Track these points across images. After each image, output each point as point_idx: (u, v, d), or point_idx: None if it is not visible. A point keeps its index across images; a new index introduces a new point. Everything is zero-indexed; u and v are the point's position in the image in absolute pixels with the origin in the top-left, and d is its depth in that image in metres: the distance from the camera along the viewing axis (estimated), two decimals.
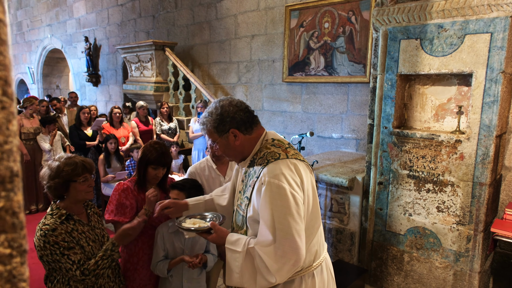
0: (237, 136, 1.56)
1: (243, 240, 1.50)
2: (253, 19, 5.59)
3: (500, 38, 2.40)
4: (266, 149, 1.57)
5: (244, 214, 1.58)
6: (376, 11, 2.92)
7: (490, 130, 2.51)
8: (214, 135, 1.59)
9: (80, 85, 9.87)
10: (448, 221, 2.77)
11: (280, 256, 1.39)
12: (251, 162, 1.62)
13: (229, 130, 1.55)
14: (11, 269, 0.34)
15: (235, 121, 1.55)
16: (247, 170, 1.63)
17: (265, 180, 1.45)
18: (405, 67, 2.84)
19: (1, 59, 0.31)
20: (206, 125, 1.60)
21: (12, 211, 0.34)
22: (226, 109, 1.56)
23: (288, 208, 1.41)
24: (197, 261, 2.00)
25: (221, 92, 6.32)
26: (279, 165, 1.47)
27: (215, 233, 1.59)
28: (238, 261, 1.48)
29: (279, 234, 1.39)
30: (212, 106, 1.61)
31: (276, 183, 1.42)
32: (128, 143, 5.58)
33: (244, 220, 1.58)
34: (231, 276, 1.51)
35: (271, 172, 1.45)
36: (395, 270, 3.10)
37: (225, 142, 1.58)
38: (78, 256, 1.70)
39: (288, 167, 1.47)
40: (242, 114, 1.57)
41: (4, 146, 0.33)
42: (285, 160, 1.49)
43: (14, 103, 0.34)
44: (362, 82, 4.48)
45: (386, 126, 2.99)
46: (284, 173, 1.44)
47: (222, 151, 1.64)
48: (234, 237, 1.55)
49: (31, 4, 11.08)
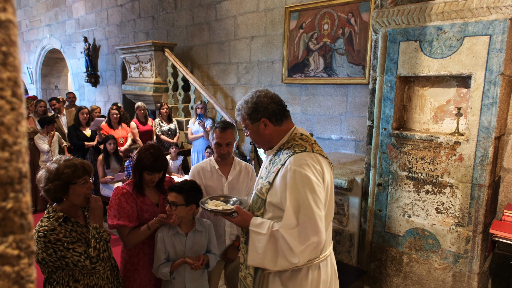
0: (267, 126, 1.69)
1: (267, 224, 1.61)
2: (253, 20, 5.60)
3: (499, 40, 2.41)
4: (294, 141, 1.69)
5: (264, 198, 1.68)
6: (375, 13, 2.92)
7: (489, 131, 2.52)
8: (247, 121, 1.73)
9: (79, 85, 9.85)
10: (447, 223, 2.77)
11: (304, 238, 1.50)
12: (277, 151, 1.73)
13: (261, 119, 1.68)
14: (19, 270, 0.34)
15: (267, 112, 1.68)
16: (272, 158, 1.74)
17: (291, 168, 1.56)
18: (404, 69, 2.85)
19: (11, 60, 0.31)
20: (241, 111, 1.74)
21: (20, 212, 0.34)
22: (261, 100, 1.69)
23: (312, 195, 1.52)
24: (199, 263, 2.02)
25: (220, 93, 6.32)
26: (305, 156, 1.59)
27: (240, 216, 1.69)
28: (261, 242, 1.59)
29: (303, 218, 1.50)
30: (249, 95, 1.73)
31: (302, 171, 1.53)
32: (127, 144, 5.57)
33: (263, 203, 1.68)
34: (254, 256, 1.62)
35: (297, 161, 1.56)
36: (394, 271, 3.10)
37: (256, 129, 1.71)
38: (83, 248, 1.73)
39: (313, 159, 1.59)
40: (274, 106, 1.70)
41: (13, 147, 0.33)
42: (311, 153, 1.61)
43: (23, 104, 0.34)
44: (361, 83, 4.48)
45: (385, 128, 3.00)
46: (309, 163, 1.56)
47: (251, 137, 1.77)
48: (258, 220, 1.65)
49: (30, 4, 11.06)
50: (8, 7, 0.31)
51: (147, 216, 2.10)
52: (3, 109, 0.32)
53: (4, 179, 0.33)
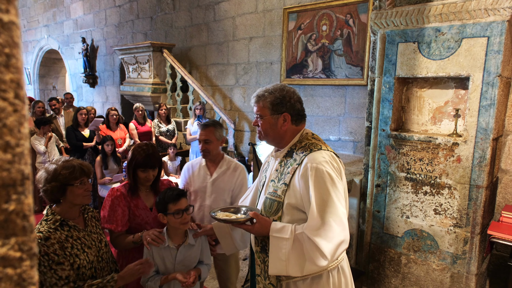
0: (286, 121, 1.63)
1: (289, 227, 1.53)
2: (251, 21, 5.60)
3: (496, 42, 2.42)
4: (308, 140, 1.65)
5: (282, 200, 1.60)
6: (374, 14, 2.93)
7: (487, 133, 2.52)
8: (266, 111, 1.64)
9: (77, 86, 9.83)
10: (445, 224, 2.78)
11: (331, 237, 1.44)
12: (288, 152, 1.67)
13: (283, 113, 1.62)
14: (21, 273, 0.34)
15: (292, 109, 1.63)
16: (283, 159, 1.67)
17: (311, 166, 1.51)
18: (403, 70, 2.86)
19: (13, 62, 0.31)
20: (264, 98, 1.65)
21: (22, 214, 0.34)
22: (290, 95, 1.64)
23: (335, 192, 1.49)
24: (191, 280, 1.88)
25: (219, 94, 6.32)
26: (323, 153, 1.55)
27: (258, 223, 1.59)
28: (285, 248, 1.52)
29: (329, 216, 1.45)
30: (276, 86, 1.66)
31: (323, 169, 1.50)
32: (125, 145, 5.56)
33: (280, 206, 1.61)
34: (276, 264, 1.54)
35: (316, 159, 1.52)
36: (392, 272, 3.10)
37: (273, 121, 1.64)
38: (66, 273, 1.61)
39: (330, 157, 1.56)
40: (299, 106, 1.67)
41: (15, 149, 0.33)
42: (327, 151, 1.59)
43: (26, 106, 0.34)
44: (360, 84, 4.49)
45: (383, 129, 3.00)
46: (327, 160, 1.53)
47: (263, 129, 1.67)
48: (278, 225, 1.56)
49: (28, 5, 11.03)
50: (11, 9, 0.30)
51: (138, 221, 2.07)
52: (6, 111, 0.32)
53: (7, 181, 0.33)
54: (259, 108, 1.66)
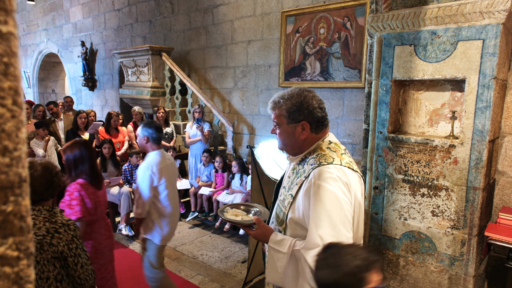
0: (304, 130, 1.50)
1: (288, 242, 1.45)
2: (250, 24, 5.64)
3: (492, 44, 2.44)
4: (321, 150, 1.51)
5: (286, 212, 1.53)
6: (370, 17, 2.96)
7: (483, 135, 2.54)
8: (282, 119, 1.52)
9: (76, 89, 9.85)
10: (443, 225, 2.79)
11: None
12: (302, 159, 1.56)
13: (301, 121, 1.49)
14: (18, 271, 0.35)
15: (311, 116, 1.49)
16: (296, 167, 1.58)
17: (315, 182, 1.39)
18: (399, 73, 2.88)
19: (12, 70, 0.33)
20: (279, 105, 1.51)
21: (20, 215, 0.35)
22: (308, 101, 1.50)
23: (338, 214, 1.36)
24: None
25: (218, 97, 6.34)
26: (331, 169, 1.41)
27: (259, 229, 1.55)
28: (281, 261, 1.45)
29: (328, 239, 1.33)
30: (294, 91, 1.52)
31: (327, 186, 1.37)
32: (124, 148, 5.57)
33: (285, 218, 1.53)
34: (273, 275, 1.49)
35: (322, 175, 1.39)
36: (390, 274, 3.11)
37: (291, 131, 1.51)
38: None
39: (339, 172, 1.41)
40: (319, 112, 1.51)
41: (13, 153, 0.34)
42: (338, 166, 1.43)
43: (23, 112, 0.36)
44: (358, 87, 4.52)
45: (381, 131, 3.02)
46: (335, 177, 1.39)
47: (281, 138, 1.56)
48: (278, 236, 1.50)
49: (27, 9, 11.07)
50: (9, 20, 0.32)
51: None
52: (4, 116, 0.34)
53: (5, 183, 0.34)
54: (275, 116, 1.54)
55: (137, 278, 3.68)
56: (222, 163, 5.09)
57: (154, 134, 2.80)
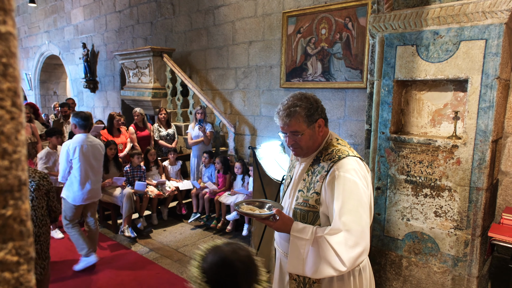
0: (321, 127, 1.59)
1: (310, 229, 1.52)
2: (251, 25, 5.63)
3: (494, 44, 2.43)
4: (333, 146, 1.60)
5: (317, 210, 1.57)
6: (372, 18, 2.95)
7: (486, 135, 2.53)
8: (302, 126, 1.54)
9: (77, 91, 9.87)
10: (446, 226, 2.78)
11: (351, 245, 1.42)
12: (315, 159, 1.62)
13: (317, 120, 1.57)
14: (18, 276, 0.35)
15: (323, 111, 1.59)
16: (310, 168, 1.63)
17: (338, 174, 1.49)
18: (401, 73, 2.87)
19: (11, 71, 0.32)
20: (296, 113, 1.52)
21: (20, 219, 0.35)
22: (315, 99, 1.58)
23: (359, 201, 1.47)
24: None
25: (219, 98, 6.34)
26: (350, 161, 1.52)
27: (281, 220, 1.59)
28: (304, 248, 1.51)
29: (351, 225, 1.43)
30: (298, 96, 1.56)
31: (349, 177, 1.48)
32: (126, 150, 5.57)
33: (317, 216, 1.58)
34: (294, 263, 1.54)
35: (343, 167, 1.50)
36: (393, 275, 3.10)
37: (311, 132, 1.57)
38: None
39: (358, 164, 1.53)
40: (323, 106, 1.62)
41: (13, 155, 0.33)
42: (354, 158, 1.55)
43: (23, 114, 0.35)
44: (359, 87, 4.51)
45: (383, 132, 3.01)
46: (355, 168, 1.50)
47: (305, 145, 1.59)
48: (299, 225, 1.56)
49: (29, 11, 11.11)
50: (8, 20, 0.31)
51: None
52: (3, 118, 0.33)
53: (4, 187, 0.34)
54: (293, 125, 1.54)
55: (139, 280, 3.67)
56: (221, 164, 5.08)
57: (80, 122, 3.62)
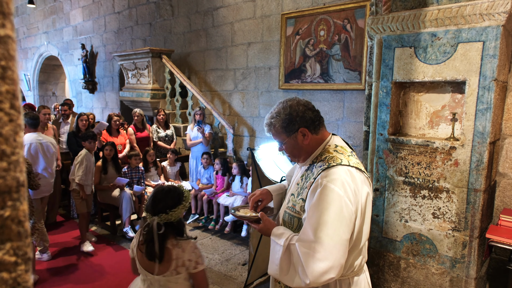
0: (306, 135, 1.56)
1: (287, 235, 1.50)
2: (250, 27, 5.64)
3: (492, 46, 2.44)
4: (328, 153, 1.56)
5: (301, 217, 1.55)
6: (370, 19, 2.96)
7: (484, 136, 2.54)
8: (282, 136, 1.59)
9: (76, 92, 9.87)
10: (444, 227, 2.78)
11: (318, 258, 1.34)
12: (310, 165, 1.61)
13: (299, 129, 1.55)
14: (16, 277, 0.35)
15: (304, 120, 1.56)
16: (304, 173, 1.62)
17: (321, 182, 1.43)
18: (399, 75, 2.88)
19: (9, 73, 0.33)
20: (273, 126, 1.59)
21: (17, 220, 0.35)
22: (295, 108, 1.57)
23: (338, 215, 1.37)
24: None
25: (218, 99, 6.34)
26: (340, 171, 1.44)
27: (263, 223, 1.62)
28: (278, 254, 1.49)
29: (324, 238, 1.34)
30: (279, 107, 1.60)
31: (332, 187, 1.39)
32: (125, 151, 5.57)
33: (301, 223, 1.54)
34: (272, 266, 1.54)
35: (329, 176, 1.43)
36: (392, 276, 3.10)
37: (293, 142, 1.58)
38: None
39: (347, 175, 1.44)
40: (310, 113, 1.58)
41: (11, 157, 0.34)
42: (345, 167, 1.46)
43: (21, 116, 0.35)
44: (358, 89, 4.52)
45: (381, 133, 3.02)
46: (341, 179, 1.42)
47: (289, 152, 1.63)
48: (280, 230, 1.55)
49: (28, 12, 11.11)
50: (6, 23, 0.32)
51: None
52: (2, 120, 0.33)
53: (2, 188, 0.34)
54: (275, 136, 1.62)
55: None
56: (220, 165, 5.08)
57: (30, 121, 3.90)
